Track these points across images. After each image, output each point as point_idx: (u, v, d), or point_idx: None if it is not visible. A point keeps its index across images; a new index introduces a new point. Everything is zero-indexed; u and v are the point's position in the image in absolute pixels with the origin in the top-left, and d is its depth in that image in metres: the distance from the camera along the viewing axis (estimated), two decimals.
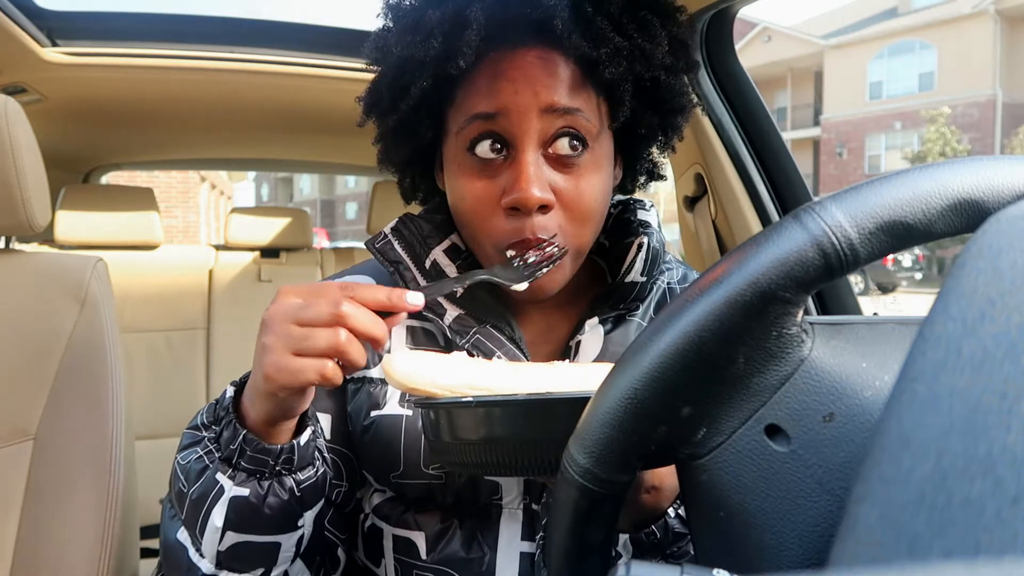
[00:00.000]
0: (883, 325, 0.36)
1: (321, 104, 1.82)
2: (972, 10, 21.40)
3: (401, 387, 0.53)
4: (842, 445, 0.33)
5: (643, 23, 0.63)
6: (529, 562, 0.68)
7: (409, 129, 0.67)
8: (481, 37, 0.59)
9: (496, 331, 0.69)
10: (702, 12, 1.16)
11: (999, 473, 0.18)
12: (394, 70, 0.64)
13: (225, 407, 0.59)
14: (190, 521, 0.59)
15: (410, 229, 0.72)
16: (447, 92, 0.65)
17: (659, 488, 0.58)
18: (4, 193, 0.94)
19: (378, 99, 0.68)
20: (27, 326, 0.98)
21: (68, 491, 0.95)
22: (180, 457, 0.61)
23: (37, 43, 1.40)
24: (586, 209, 0.64)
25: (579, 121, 0.63)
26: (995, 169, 0.30)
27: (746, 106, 1.26)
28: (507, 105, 0.61)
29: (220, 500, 0.58)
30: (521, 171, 0.61)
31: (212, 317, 2.25)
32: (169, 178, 10.62)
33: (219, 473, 0.58)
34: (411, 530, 0.69)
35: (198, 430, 0.62)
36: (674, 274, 0.79)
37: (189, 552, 0.60)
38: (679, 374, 0.32)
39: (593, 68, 0.62)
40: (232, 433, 0.58)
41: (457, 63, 0.59)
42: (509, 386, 0.52)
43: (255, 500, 0.58)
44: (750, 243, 0.32)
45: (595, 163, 0.65)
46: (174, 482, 0.61)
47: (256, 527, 0.59)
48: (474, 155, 0.63)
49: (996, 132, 21.01)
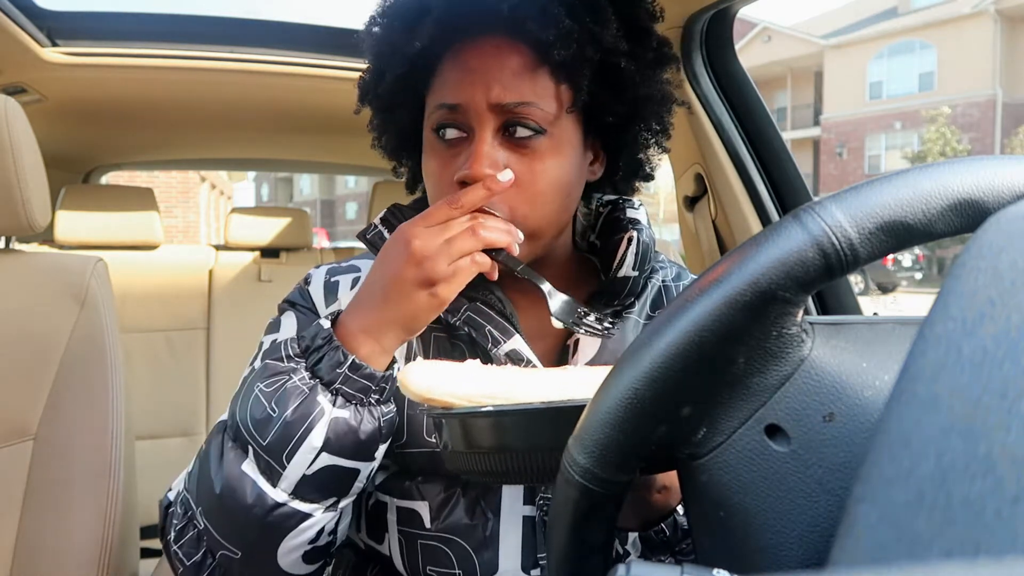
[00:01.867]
0: (883, 325, 0.36)
1: (321, 104, 1.82)
2: (972, 10, 21.40)
3: (419, 399, 0.53)
4: (842, 445, 0.33)
5: (593, 7, 0.66)
6: (531, 526, 0.69)
7: (390, 113, 0.72)
8: (441, 25, 0.64)
9: (486, 306, 0.71)
10: (702, 12, 1.16)
11: (999, 473, 0.18)
12: (378, 59, 0.70)
13: (326, 336, 0.62)
14: (276, 445, 0.60)
15: (398, 218, 0.75)
16: (424, 80, 0.69)
17: (669, 488, 0.59)
18: (4, 193, 0.94)
19: (363, 85, 0.74)
20: (27, 326, 0.98)
21: (68, 491, 0.95)
22: (263, 385, 0.62)
23: (37, 43, 1.40)
24: (539, 190, 0.66)
25: (531, 111, 0.65)
26: (995, 169, 0.30)
27: (746, 106, 1.26)
28: (464, 100, 0.65)
29: (321, 421, 0.60)
30: (474, 151, 0.65)
31: (212, 317, 2.25)
32: (169, 178, 10.63)
33: (320, 396, 0.61)
34: (415, 500, 0.70)
35: (282, 361, 0.63)
36: (668, 272, 0.81)
37: (258, 483, 0.61)
38: (679, 374, 0.32)
39: (548, 53, 0.65)
40: (339, 359, 0.61)
41: (413, 44, 0.64)
42: (525, 392, 0.52)
43: (354, 422, 0.61)
44: (750, 243, 0.32)
45: (554, 147, 0.66)
46: (254, 409, 0.61)
47: (347, 450, 0.62)
48: (440, 137, 0.68)
49: (996, 132, 21.01)
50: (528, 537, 0.69)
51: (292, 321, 0.74)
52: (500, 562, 0.69)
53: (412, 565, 0.71)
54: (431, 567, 0.70)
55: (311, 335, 0.63)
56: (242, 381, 0.68)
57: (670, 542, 0.64)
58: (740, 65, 1.26)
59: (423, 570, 0.70)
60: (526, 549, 0.69)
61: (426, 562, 0.70)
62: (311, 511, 0.62)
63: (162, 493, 0.70)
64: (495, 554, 0.69)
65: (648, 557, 0.66)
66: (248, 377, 0.68)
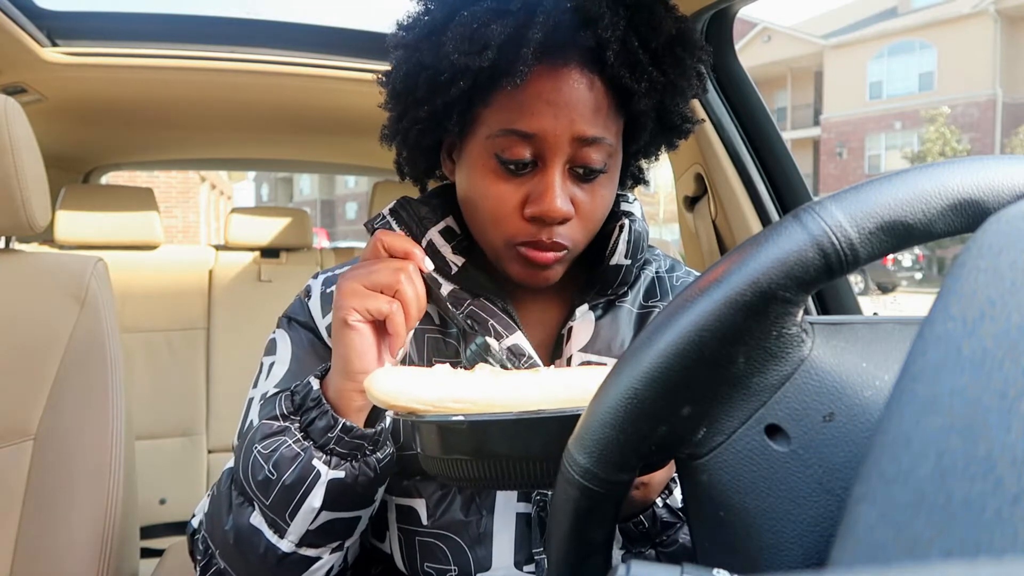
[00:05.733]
0: (883, 325, 0.36)
1: (322, 104, 1.82)
2: (972, 10, 21.40)
3: (384, 405, 0.54)
4: (842, 445, 0.33)
5: (677, 60, 0.67)
6: (525, 522, 0.71)
7: (437, 121, 0.69)
8: (536, 58, 0.62)
9: (489, 303, 0.73)
10: (702, 12, 1.16)
11: (999, 473, 0.18)
12: (440, 68, 0.65)
13: (315, 398, 0.63)
14: (279, 505, 0.62)
15: (408, 211, 0.75)
16: (483, 94, 0.66)
17: (647, 484, 0.62)
18: (4, 193, 0.95)
19: (412, 88, 0.69)
20: (27, 326, 0.98)
21: (68, 491, 0.95)
22: (261, 447, 0.63)
23: (37, 43, 1.40)
24: (598, 219, 0.70)
25: (604, 147, 0.66)
26: (995, 169, 0.30)
27: (746, 106, 1.26)
28: (544, 129, 0.64)
29: (318, 484, 0.62)
30: (548, 185, 0.65)
31: (212, 317, 2.25)
32: (169, 178, 10.63)
33: (315, 460, 0.62)
34: (413, 498, 0.72)
35: (277, 420, 0.64)
36: (662, 264, 0.82)
37: (266, 535, 0.63)
38: (679, 374, 0.32)
39: (627, 97, 0.66)
40: (329, 423, 0.62)
41: (513, 80, 0.62)
42: (490, 397, 0.53)
43: (350, 480, 0.62)
44: (750, 243, 0.32)
45: (610, 179, 0.69)
46: (255, 471, 0.63)
47: (346, 504, 0.64)
48: (501, 160, 0.66)
49: (996, 132, 21.01)
50: (522, 533, 0.70)
51: (287, 344, 0.75)
52: (494, 558, 0.70)
53: (411, 562, 0.72)
54: (428, 564, 0.71)
55: (302, 393, 0.64)
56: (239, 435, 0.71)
57: (649, 534, 0.65)
58: (740, 65, 1.26)
59: (421, 567, 0.71)
60: (520, 545, 0.70)
61: (424, 559, 0.71)
62: (319, 555, 0.65)
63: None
64: (489, 550, 0.70)
65: (629, 549, 0.67)
66: (245, 432, 0.70)
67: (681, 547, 0.65)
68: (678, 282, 0.80)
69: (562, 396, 0.53)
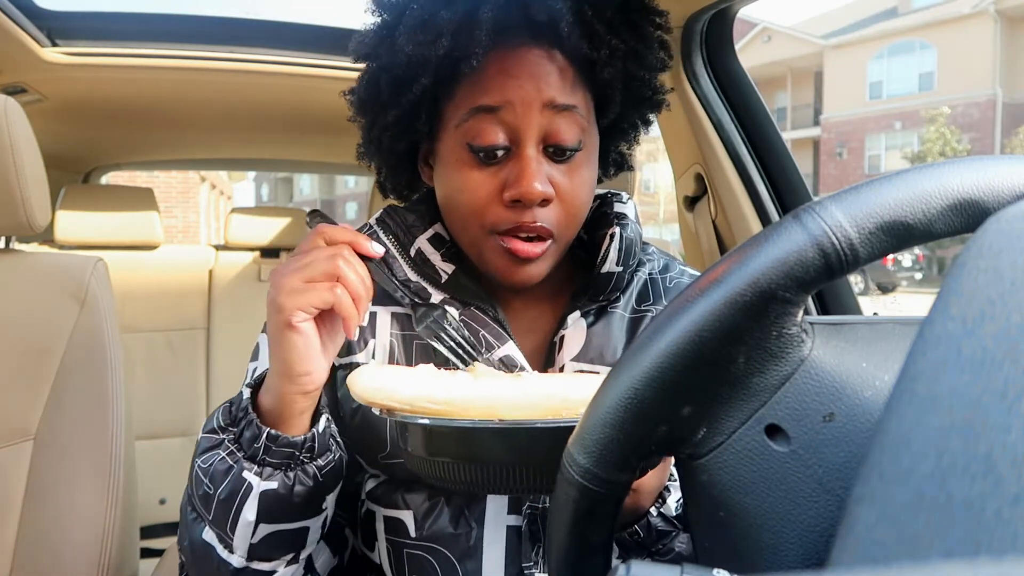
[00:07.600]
0: (883, 325, 0.36)
1: (321, 104, 1.81)
2: (972, 10, 21.39)
3: (363, 401, 0.55)
4: (842, 445, 0.33)
5: (635, 26, 0.67)
6: (515, 535, 0.69)
7: (406, 124, 0.68)
8: (490, 37, 0.62)
9: (480, 312, 0.72)
10: (702, 12, 1.16)
11: (999, 473, 0.18)
12: (398, 67, 0.65)
13: (243, 407, 0.61)
14: (219, 520, 0.61)
15: (395, 220, 0.75)
16: (446, 88, 0.66)
17: (638, 491, 0.60)
18: (4, 193, 0.95)
19: (376, 94, 0.69)
20: (27, 326, 0.98)
21: (68, 491, 0.95)
22: (200, 461, 0.62)
23: (37, 43, 1.40)
24: (580, 203, 0.68)
25: (576, 118, 0.65)
26: (995, 169, 0.30)
27: (746, 106, 1.26)
28: (511, 98, 0.63)
29: (251, 496, 0.60)
30: (524, 166, 0.63)
31: (212, 317, 2.25)
32: (169, 178, 10.62)
33: (245, 471, 0.60)
34: (400, 509, 0.71)
35: (215, 433, 0.63)
36: (655, 264, 0.80)
37: (217, 550, 0.62)
38: (679, 374, 0.32)
39: (589, 68, 0.66)
40: (255, 432, 0.60)
41: (470, 62, 0.62)
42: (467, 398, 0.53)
43: (284, 491, 0.60)
44: (750, 243, 0.32)
45: (587, 158, 0.68)
46: (196, 486, 0.62)
47: (286, 515, 0.61)
48: (473, 148, 0.65)
49: (996, 132, 21.01)
50: (512, 546, 0.69)
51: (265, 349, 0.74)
52: (484, 572, 0.68)
53: (399, 574, 0.71)
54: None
55: (237, 403, 0.62)
56: None
57: (644, 543, 0.64)
58: (740, 65, 1.26)
59: None
60: (510, 559, 0.68)
61: (412, 571, 0.70)
62: (273, 567, 0.63)
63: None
64: (479, 564, 0.68)
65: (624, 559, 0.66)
66: None
67: (677, 556, 0.64)
68: (671, 283, 0.78)
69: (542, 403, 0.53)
